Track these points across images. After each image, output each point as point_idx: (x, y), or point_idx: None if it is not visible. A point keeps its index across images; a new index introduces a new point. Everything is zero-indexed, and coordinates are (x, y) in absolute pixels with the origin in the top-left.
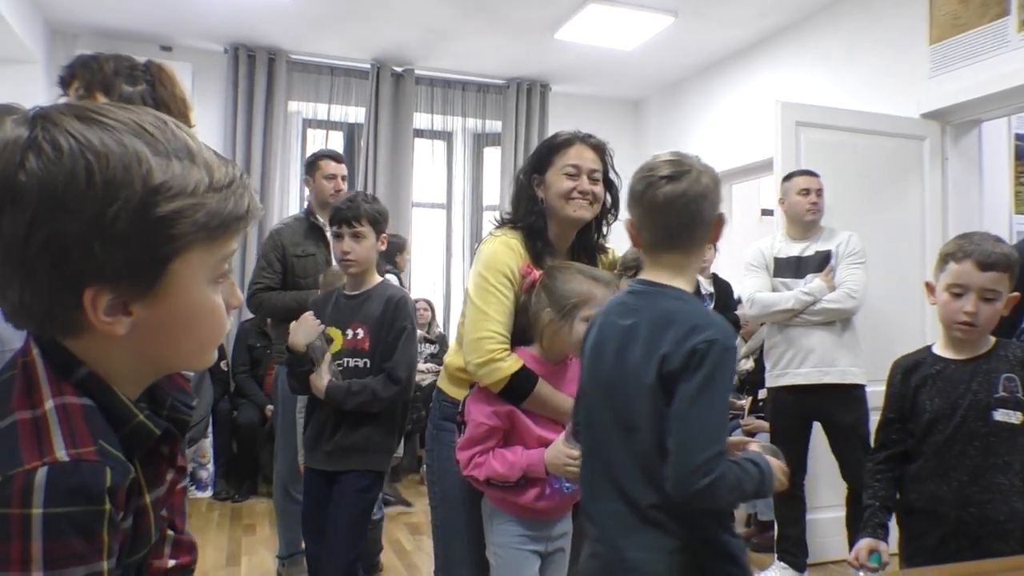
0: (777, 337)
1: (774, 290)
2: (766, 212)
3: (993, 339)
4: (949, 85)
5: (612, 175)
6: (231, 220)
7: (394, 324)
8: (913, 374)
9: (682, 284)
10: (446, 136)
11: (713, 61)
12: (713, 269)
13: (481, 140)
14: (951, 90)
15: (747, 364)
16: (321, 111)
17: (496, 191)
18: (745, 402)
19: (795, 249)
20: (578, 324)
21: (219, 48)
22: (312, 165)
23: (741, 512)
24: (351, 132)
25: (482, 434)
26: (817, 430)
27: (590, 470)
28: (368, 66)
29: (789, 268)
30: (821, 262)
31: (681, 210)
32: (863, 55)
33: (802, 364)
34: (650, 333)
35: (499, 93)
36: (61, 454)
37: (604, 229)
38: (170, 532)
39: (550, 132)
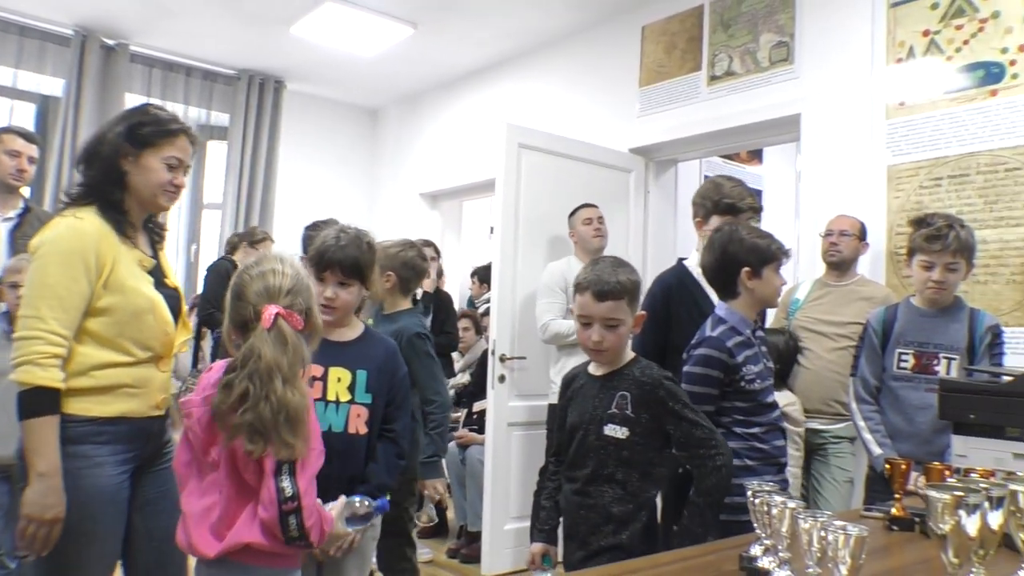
0: (564, 361)
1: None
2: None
3: (630, 356)
4: (653, 125)
5: None
6: None
7: None
8: (570, 387)
9: None
10: None
11: (451, 77)
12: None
13: (205, 132)
14: (654, 130)
15: (464, 378)
16: (5, 76)
17: (219, 188)
18: (460, 415)
19: None
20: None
21: None
22: None
23: (453, 524)
24: (45, 105)
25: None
26: None
27: None
28: (70, 32)
29: None
30: None
31: None
32: (588, 88)
33: None
34: None
35: (228, 84)
36: None
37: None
38: None
39: (284, 131)
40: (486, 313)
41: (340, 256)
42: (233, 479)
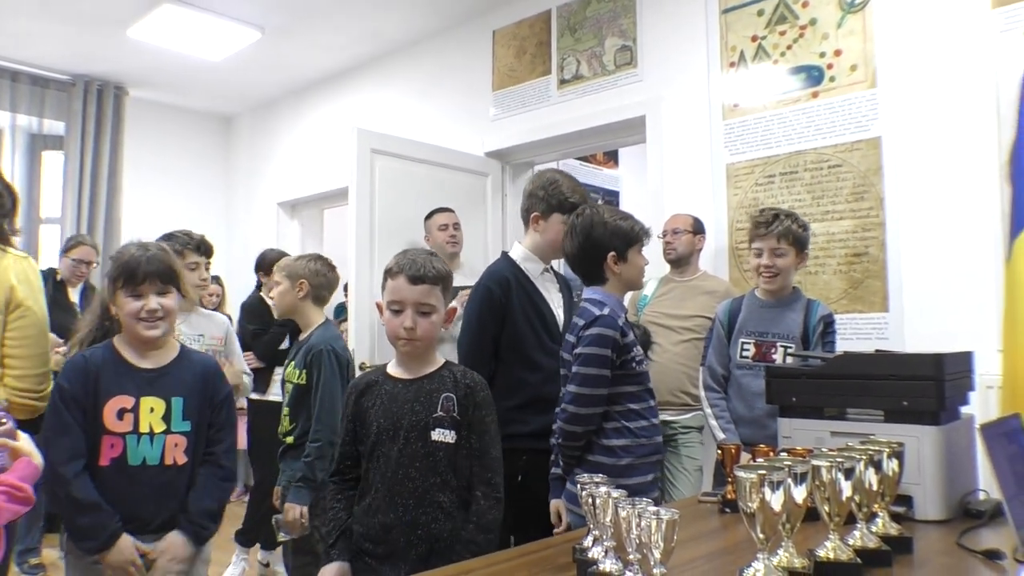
0: None
1: None
2: None
3: (442, 360)
4: (507, 129)
5: None
6: None
7: None
8: (365, 395)
9: None
10: None
11: (305, 83)
12: None
13: (38, 142)
14: (508, 133)
15: None
16: None
17: (57, 201)
18: None
19: None
20: None
21: None
22: None
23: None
24: None
25: None
26: None
27: None
28: None
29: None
30: None
31: None
32: (442, 92)
33: None
34: None
35: (62, 90)
36: None
37: None
38: None
39: (128, 140)
40: None
41: (155, 266)
42: None
